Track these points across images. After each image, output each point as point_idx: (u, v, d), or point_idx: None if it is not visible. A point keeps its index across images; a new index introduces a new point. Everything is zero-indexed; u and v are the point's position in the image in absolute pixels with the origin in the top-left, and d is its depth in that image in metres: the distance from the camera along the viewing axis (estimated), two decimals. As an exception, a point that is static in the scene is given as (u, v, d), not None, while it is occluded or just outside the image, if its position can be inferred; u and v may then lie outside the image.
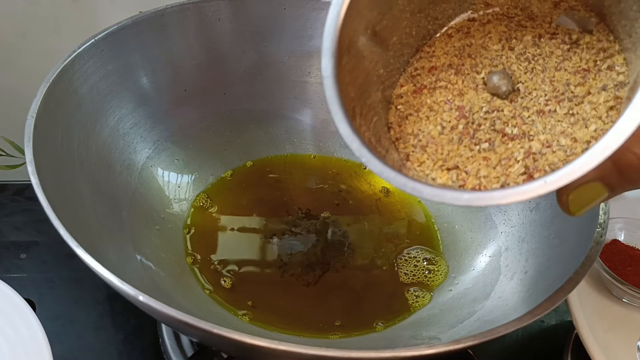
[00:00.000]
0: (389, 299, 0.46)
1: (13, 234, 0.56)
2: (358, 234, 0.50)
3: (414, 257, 0.49)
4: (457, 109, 0.29)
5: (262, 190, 0.53)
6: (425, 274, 0.47)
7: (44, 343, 0.41)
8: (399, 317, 0.44)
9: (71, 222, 0.34)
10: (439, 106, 0.29)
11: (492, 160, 0.27)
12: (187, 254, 0.47)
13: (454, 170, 0.27)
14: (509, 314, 0.38)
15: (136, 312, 0.34)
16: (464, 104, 0.29)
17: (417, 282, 0.47)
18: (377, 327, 0.43)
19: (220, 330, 0.29)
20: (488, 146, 0.27)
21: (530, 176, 0.26)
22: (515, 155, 0.26)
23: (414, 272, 0.47)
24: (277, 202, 0.52)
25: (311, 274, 0.46)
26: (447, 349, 0.30)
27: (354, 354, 0.29)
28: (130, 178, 0.47)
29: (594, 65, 0.27)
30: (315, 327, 0.43)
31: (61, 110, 0.41)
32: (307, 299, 0.45)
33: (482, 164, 0.27)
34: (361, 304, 0.45)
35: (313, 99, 0.56)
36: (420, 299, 0.45)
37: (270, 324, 0.43)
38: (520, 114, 0.27)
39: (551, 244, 0.42)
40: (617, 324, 0.46)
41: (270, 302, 0.45)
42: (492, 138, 0.27)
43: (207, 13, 0.51)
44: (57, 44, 0.57)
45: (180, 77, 0.51)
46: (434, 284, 0.47)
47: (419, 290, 0.46)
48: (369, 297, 0.46)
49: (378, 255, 0.49)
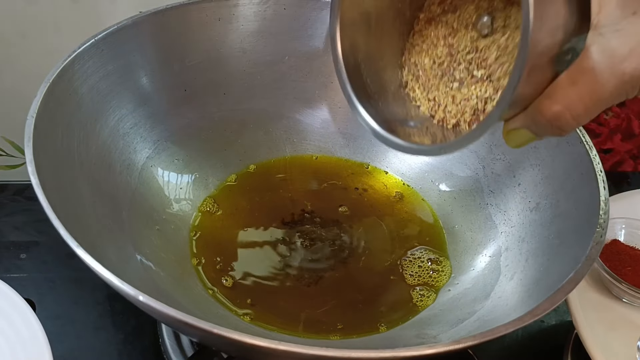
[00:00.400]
0: (393, 300, 0.46)
1: (13, 234, 0.56)
2: (363, 234, 0.50)
3: (418, 258, 0.49)
4: (449, 45, 0.31)
5: (267, 194, 0.53)
6: (430, 274, 0.47)
7: (44, 343, 0.41)
8: (402, 318, 0.44)
9: (71, 222, 0.34)
10: (438, 40, 0.31)
11: (457, 98, 0.29)
12: (192, 255, 0.47)
13: (432, 102, 0.30)
14: (509, 314, 0.38)
15: (136, 312, 0.34)
16: (454, 41, 0.31)
17: (422, 282, 0.47)
18: (381, 328, 0.43)
19: (220, 330, 0.29)
20: (458, 85, 0.30)
21: (478, 119, 0.29)
22: (472, 97, 0.29)
23: (419, 273, 0.47)
24: (281, 204, 0.52)
25: (314, 274, 0.46)
26: (447, 349, 0.30)
27: (353, 354, 0.29)
28: (130, 178, 0.47)
29: None
30: (317, 327, 0.43)
31: (61, 110, 0.41)
32: (309, 299, 0.45)
33: (449, 100, 0.30)
34: (364, 304, 0.45)
35: (313, 99, 0.56)
36: (425, 298, 0.45)
37: (271, 324, 0.43)
38: (488, 57, 0.29)
39: (551, 244, 0.42)
40: (617, 324, 0.46)
41: (272, 303, 0.45)
42: (463, 78, 0.29)
43: (207, 13, 0.51)
44: (57, 44, 0.57)
45: (180, 77, 0.51)
46: (439, 284, 0.47)
47: (424, 290, 0.46)
48: (372, 298, 0.46)
49: (382, 256, 0.49)
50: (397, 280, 0.47)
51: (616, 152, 0.73)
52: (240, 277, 0.46)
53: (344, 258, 0.48)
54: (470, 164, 0.52)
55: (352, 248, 0.49)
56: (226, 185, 0.53)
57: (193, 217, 0.50)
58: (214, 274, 0.46)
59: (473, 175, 0.52)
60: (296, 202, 0.53)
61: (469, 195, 0.52)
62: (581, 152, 0.43)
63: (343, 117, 0.56)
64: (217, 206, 0.51)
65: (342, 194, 0.54)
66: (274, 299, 0.45)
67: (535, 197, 0.46)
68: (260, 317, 0.43)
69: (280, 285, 0.46)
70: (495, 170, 0.50)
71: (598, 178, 0.41)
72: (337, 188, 0.54)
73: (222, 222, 0.50)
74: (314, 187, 0.54)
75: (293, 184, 0.54)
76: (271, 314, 0.44)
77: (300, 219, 0.51)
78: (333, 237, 0.50)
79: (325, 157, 0.56)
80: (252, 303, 0.44)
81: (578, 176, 0.43)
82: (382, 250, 0.50)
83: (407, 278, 0.47)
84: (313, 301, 0.45)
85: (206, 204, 0.51)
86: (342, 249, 0.49)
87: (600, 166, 0.42)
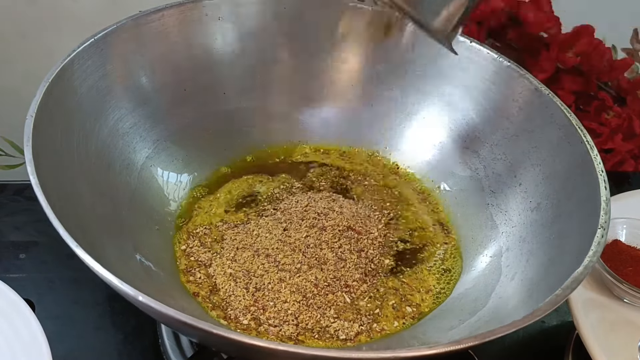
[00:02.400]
0: (399, 301, 0.46)
1: (13, 234, 0.56)
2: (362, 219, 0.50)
3: (431, 257, 0.48)
4: None
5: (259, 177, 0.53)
6: (442, 274, 0.47)
7: (43, 343, 0.41)
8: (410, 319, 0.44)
9: (70, 222, 0.33)
10: None
11: None
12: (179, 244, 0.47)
13: None
14: (510, 315, 0.38)
15: (136, 312, 0.34)
16: None
17: (434, 282, 0.47)
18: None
19: (220, 330, 0.29)
20: None
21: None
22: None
23: (433, 272, 0.47)
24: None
25: (315, 272, 0.46)
26: (447, 349, 0.30)
27: (353, 354, 0.29)
28: (130, 178, 0.47)
29: None
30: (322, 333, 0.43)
31: (60, 110, 0.41)
32: (311, 299, 0.45)
33: None
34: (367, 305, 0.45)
35: (313, 98, 0.56)
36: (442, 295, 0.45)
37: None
38: None
39: (552, 244, 0.42)
40: (618, 325, 0.46)
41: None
42: None
43: (207, 13, 0.51)
44: (57, 44, 0.57)
45: (179, 76, 0.51)
46: (450, 285, 0.46)
47: (434, 290, 0.46)
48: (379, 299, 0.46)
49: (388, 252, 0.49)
50: (410, 279, 0.47)
51: (617, 152, 0.73)
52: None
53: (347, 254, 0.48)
54: (471, 163, 0.52)
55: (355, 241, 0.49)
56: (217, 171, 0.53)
57: (193, 217, 0.50)
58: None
59: (474, 175, 0.52)
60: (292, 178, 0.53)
61: (469, 195, 0.51)
62: (582, 151, 0.43)
63: (343, 117, 0.56)
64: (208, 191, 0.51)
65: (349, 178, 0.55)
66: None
67: (536, 197, 0.46)
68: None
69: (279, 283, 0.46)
70: (496, 170, 0.50)
71: (599, 178, 0.41)
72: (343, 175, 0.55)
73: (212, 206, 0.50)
74: (313, 167, 0.55)
75: (291, 165, 0.55)
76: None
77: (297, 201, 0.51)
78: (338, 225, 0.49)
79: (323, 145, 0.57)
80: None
81: (579, 176, 0.43)
82: (387, 243, 0.49)
83: (420, 276, 0.47)
84: (314, 300, 0.44)
85: (206, 203, 0.51)
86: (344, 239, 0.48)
87: (601, 166, 0.42)
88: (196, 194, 0.51)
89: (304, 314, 0.42)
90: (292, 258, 0.45)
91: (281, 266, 0.45)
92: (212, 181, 0.52)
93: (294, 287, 0.43)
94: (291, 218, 0.48)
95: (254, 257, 0.45)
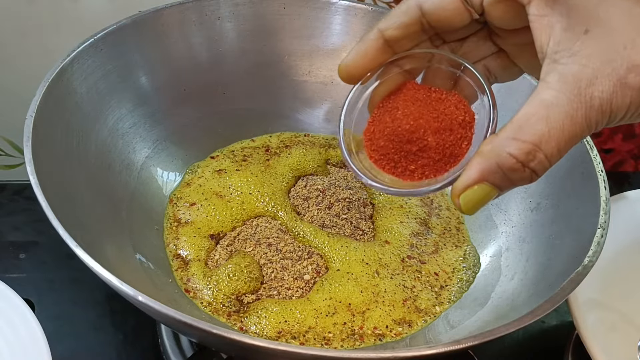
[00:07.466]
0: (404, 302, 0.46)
1: (12, 234, 0.56)
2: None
3: (445, 258, 0.48)
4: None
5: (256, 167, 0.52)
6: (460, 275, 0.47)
7: (43, 343, 0.41)
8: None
9: (70, 222, 0.33)
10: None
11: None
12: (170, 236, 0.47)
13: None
14: (510, 315, 0.38)
15: (135, 312, 0.34)
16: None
17: (450, 283, 0.46)
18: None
19: (220, 330, 0.29)
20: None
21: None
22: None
23: (449, 274, 0.47)
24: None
25: (315, 271, 0.46)
26: (447, 349, 0.30)
27: (353, 354, 0.29)
28: (130, 178, 0.47)
29: None
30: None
31: (60, 109, 0.41)
32: (313, 302, 0.45)
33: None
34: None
35: (313, 98, 0.56)
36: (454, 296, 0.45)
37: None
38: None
39: (552, 244, 0.42)
40: (618, 325, 0.46)
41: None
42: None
43: (207, 12, 0.51)
44: (57, 44, 0.57)
45: (179, 76, 0.51)
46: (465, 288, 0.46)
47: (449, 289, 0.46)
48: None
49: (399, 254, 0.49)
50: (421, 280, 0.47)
51: (617, 151, 0.73)
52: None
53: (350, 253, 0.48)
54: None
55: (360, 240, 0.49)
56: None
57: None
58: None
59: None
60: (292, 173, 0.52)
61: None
62: (582, 151, 0.43)
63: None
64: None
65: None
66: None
67: (536, 197, 0.46)
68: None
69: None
70: (495, 170, 0.50)
71: (599, 178, 0.41)
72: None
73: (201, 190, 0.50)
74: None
75: (289, 157, 0.53)
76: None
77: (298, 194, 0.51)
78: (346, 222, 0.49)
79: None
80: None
81: (579, 176, 0.43)
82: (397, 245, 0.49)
83: (435, 277, 0.47)
84: (319, 304, 0.44)
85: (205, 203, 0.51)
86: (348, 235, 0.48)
87: (601, 166, 0.42)
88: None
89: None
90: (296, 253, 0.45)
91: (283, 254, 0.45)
92: (212, 181, 0.52)
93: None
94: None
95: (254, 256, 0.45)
